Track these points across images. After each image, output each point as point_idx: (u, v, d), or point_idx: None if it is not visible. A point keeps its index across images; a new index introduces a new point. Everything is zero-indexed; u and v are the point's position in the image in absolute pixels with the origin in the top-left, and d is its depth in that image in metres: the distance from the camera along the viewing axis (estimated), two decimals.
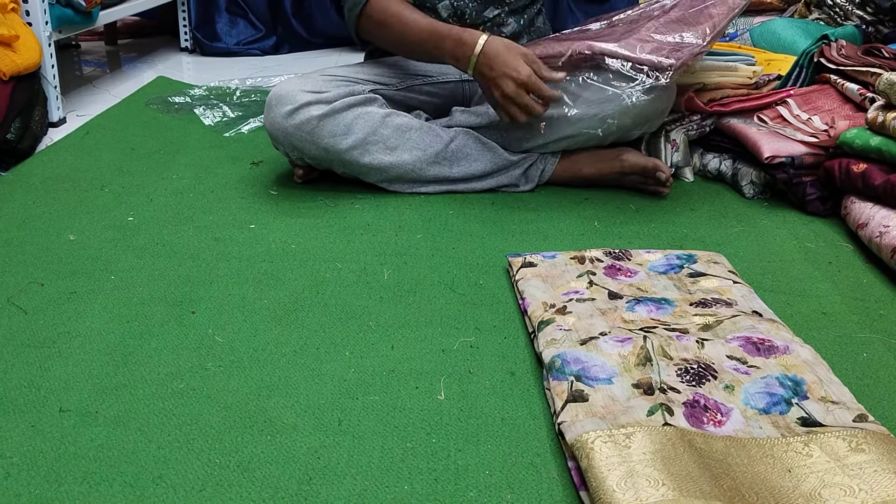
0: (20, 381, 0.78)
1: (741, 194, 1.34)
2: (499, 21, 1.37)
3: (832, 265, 1.08)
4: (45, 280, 0.99)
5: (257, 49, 2.72)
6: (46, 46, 1.66)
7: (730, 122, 1.39)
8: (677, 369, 0.76)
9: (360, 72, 1.30)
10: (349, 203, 1.27)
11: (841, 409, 0.71)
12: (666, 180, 1.28)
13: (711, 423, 0.69)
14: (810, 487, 0.61)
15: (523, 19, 1.41)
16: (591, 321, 0.85)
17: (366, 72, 1.31)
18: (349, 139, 1.22)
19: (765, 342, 0.80)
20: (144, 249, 1.09)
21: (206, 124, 1.75)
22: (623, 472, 0.61)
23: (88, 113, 1.83)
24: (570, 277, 0.97)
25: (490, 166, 1.31)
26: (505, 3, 1.37)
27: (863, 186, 1.15)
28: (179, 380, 0.79)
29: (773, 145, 1.28)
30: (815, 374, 0.76)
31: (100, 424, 0.72)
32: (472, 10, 1.34)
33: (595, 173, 1.33)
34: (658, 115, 1.28)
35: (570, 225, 1.20)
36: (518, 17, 1.40)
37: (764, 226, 1.21)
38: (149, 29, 2.97)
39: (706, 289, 0.94)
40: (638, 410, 0.69)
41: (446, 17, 1.34)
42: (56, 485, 0.64)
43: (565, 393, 0.73)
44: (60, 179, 1.36)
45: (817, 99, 1.41)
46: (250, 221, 1.19)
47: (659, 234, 1.17)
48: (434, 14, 1.33)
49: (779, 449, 0.65)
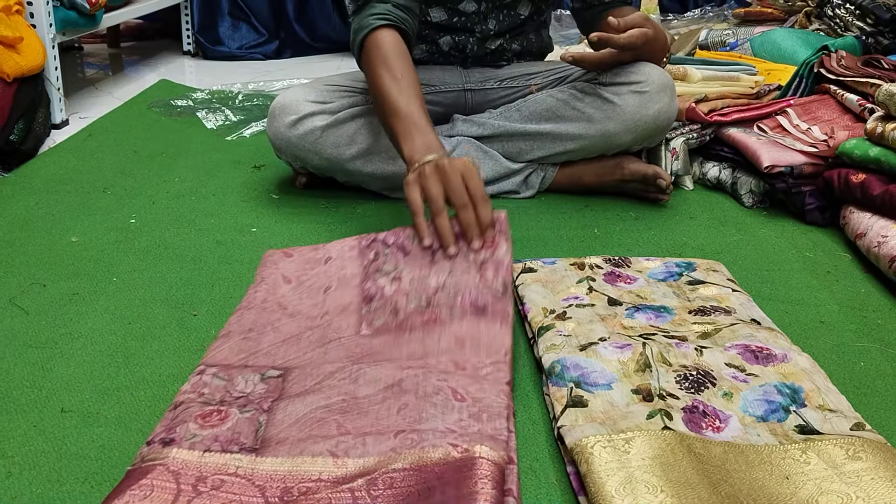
0: (22, 381, 0.78)
1: (740, 203, 1.34)
2: (501, 48, 1.38)
3: (830, 274, 1.09)
4: (47, 281, 0.99)
5: (260, 53, 2.73)
6: (50, 48, 1.66)
7: (729, 132, 1.40)
8: (676, 376, 0.76)
9: (361, 81, 1.29)
10: (351, 208, 1.28)
11: (838, 417, 0.71)
12: (667, 187, 1.29)
13: (710, 428, 0.70)
14: (808, 494, 0.61)
15: (526, 41, 1.41)
16: (591, 326, 0.85)
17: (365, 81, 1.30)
18: (352, 149, 1.23)
19: (763, 350, 0.81)
20: (146, 252, 1.09)
21: (208, 128, 1.75)
22: (622, 478, 0.61)
23: (91, 115, 1.84)
24: (569, 283, 0.98)
25: (491, 174, 1.32)
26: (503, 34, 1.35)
27: (861, 196, 1.15)
28: (180, 381, 0.79)
29: (772, 155, 1.28)
30: (813, 382, 0.76)
31: (101, 425, 0.72)
32: (473, 44, 1.35)
33: (595, 181, 1.34)
34: (660, 132, 1.29)
35: (570, 231, 1.21)
36: (520, 39, 1.40)
37: (763, 235, 1.22)
38: (152, 32, 2.98)
39: (705, 297, 0.95)
40: (637, 415, 0.70)
41: (447, 50, 1.35)
42: (58, 485, 0.64)
43: (565, 398, 0.74)
44: (63, 181, 1.36)
45: (817, 109, 1.42)
46: (252, 225, 1.20)
47: (658, 242, 1.18)
48: (435, 45, 1.34)
49: (777, 456, 0.66)
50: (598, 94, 1.27)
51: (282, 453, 0.66)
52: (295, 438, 0.67)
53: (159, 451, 0.65)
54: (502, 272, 0.88)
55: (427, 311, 0.85)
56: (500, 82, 1.37)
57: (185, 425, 0.68)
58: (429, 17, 1.32)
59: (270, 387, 0.76)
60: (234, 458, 0.65)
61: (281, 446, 0.66)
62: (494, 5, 1.32)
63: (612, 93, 1.26)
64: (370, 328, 0.85)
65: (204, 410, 0.71)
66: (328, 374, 0.77)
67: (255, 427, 0.69)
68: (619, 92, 1.26)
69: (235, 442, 0.67)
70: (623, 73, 1.27)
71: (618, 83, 1.27)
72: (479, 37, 1.34)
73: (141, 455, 0.65)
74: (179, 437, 0.67)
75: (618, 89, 1.26)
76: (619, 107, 1.26)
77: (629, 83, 1.26)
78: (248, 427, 0.69)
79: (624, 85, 1.26)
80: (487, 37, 1.35)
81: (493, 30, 1.34)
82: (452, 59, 1.38)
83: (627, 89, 1.26)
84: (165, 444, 0.66)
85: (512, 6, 1.33)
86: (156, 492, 0.60)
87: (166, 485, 0.61)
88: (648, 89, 1.25)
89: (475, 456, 0.62)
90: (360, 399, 0.73)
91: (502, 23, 1.34)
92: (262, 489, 0.62)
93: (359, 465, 0.64)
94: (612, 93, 1.26)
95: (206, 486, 0.61)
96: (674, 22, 2.59)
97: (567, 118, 1.28)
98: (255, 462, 0.64)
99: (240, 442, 0.67)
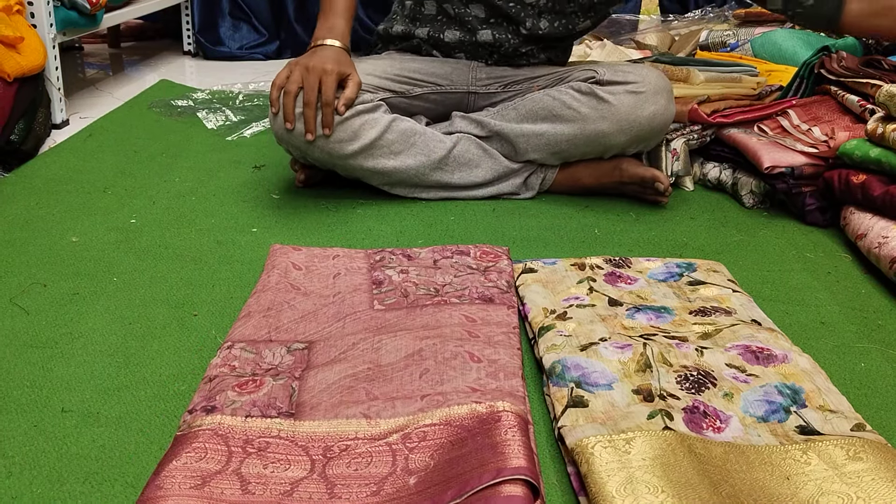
0: (22, 381, 0.78)
1: (741, 204, 1.34)
2: (531, 54, 1.38)
3: (831, 275, 1.09)
4: (47, 281, 0.99)
5: (260, 54, 2.73)
6: (51, 48, 1.66)
7: (730, 132, 1.40)
8: (677, 376, 0.76)
9: (373, 75, 1.28)
10: (351, 208, 1.28)
11: (839, 418, 0.71)
12: (665, 191, 1.29)
13: (711, 429, 0.69)
14: (808, 495, 0.61)
15: (556, 54, 1.42)
16: (592, 327, 0.85)
17: (378, 76, 1.29)
18: (355, 145, 1.22)
19: (764, 351, 0.81)
20: (147, 252, 1.09)
21: (208, 128, 1.75)
22: (623, 479, 0.61)
23: (91, 115, 1.83)
24: (570, 283, 0.98)
25: (491, 174, 1.32)
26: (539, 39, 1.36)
27: (862, 197, 1.15)
28: (181, 381, 0.79)
29: (773, 155, 1.28)
30: (814, 382, 0.76)
31: (102, 425, 0.72)
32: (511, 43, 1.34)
33: (594, 183, 1.34)
34: (655, 134, 1.29)
35: (570, 232, 1.21)
36: (555, 51, 1.41)
37: (763, 235, 1.22)
38: (152, 32, 2.98)
39: (706, 297, 0.95)
40: (638, 416, 0.70)
41: (482, 41, 1.34)
42: (58, 485, 0.64)
43: (565, 398, 0.73)
44: (63, 181, 1.36)
45: (817, 110, 1.42)
46: (252, 225, 1.20)
47: (659, 243, 1.17)
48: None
49: (777, 456, 0.66)
50: (594, 94, 1.26)
51: (318, 416, 0.70)
52: (328, 403, 0.71)
53: (203, 417, 0.68)
54: (505, 276, 0.98)
55: (436, 297, 0.92)
56: (505, 86, 1.36)
57: (224, 393, 0.72)
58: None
59: (297, 358, 0.80)
60: (274, 422, 0.69)
61: (315, 411, 0.70)
62: (554, 8, 1.32)
63: (607, 92, 1.26)
64: (382, 305, 0.91)
65: (239, 381, 0.75)
66: (350, 345, 0.82)
67: (288, 392, 0.73)
68: (615, 91, 1.26)
69: (273, 406, 0.71)
70: (620, 72, 1.27)
71: (615, 82, 1.26)
72: (524, 34, 1.33)
73: (186, 422, 0.69)
74: (220, 404, 0.71)
75: (613, 88, 1.26)
76: (613, 106, 1.25)
77: (625, 83, 1.26)
78: (283, 392, 0.73)
79: (620, 84, 1.26)
80: (532, 37, 1.34)
81: (542, 30, 1.32)
82: (479, 54, 1.36)
83: (623, 89, 1.26)
84: (208, 412, 0.69)
85: (572, 17, 1.34)
86: (209, 454, 0.64)
87: (218, 447, 0.65)
88: (644, 90, 1.25)
89: (499, 410, 0.67)
90: (384, 367, 0.78)
91: (555, 28, 1.33)
92: (305, 448, 0.66)
93: (391, 424, 0.68)
94: (607, 92, 1.26)
95: (254, 448, 0.65)
96: (674, 23, 2.59)
97: (562, 118, 1.28)
98: (294, 425, 0.68)
99: (276, 406, 0.71)
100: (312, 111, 1.17)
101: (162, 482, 0.60)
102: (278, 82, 1.18)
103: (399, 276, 0.97)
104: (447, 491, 0.59)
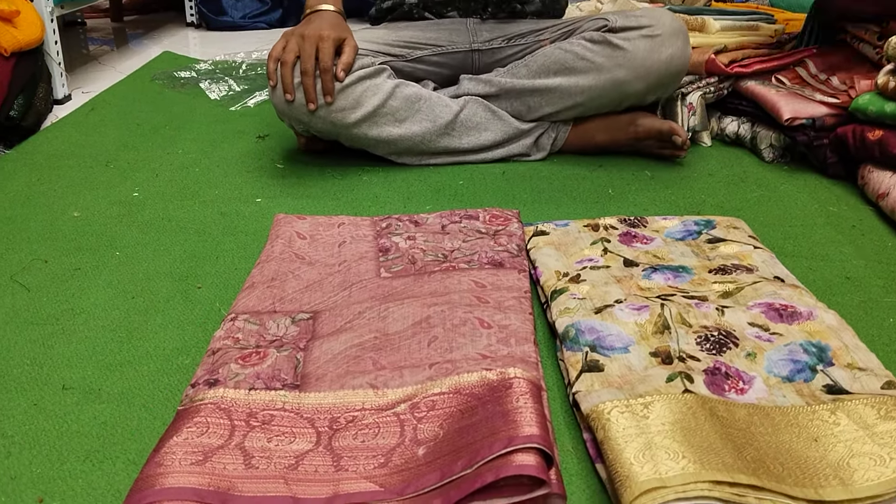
0: (22, 358, 0.76)
1: (760, 158, 1.30)
2: None
3: (855, 229, 1.05)
4: (49, 257, 0.97)
5: (263, 22, 2.69)
6: (49, 22, 1.63)
7: (748, 84, 1.34)
8: (697, 337, 0.73)
9: (370, 41, 1.26)
10: (357, 175, 1.24)
11: (868, 375, 0.68)
12: (683, 143, 1.25)
13: (733, 390, 0.66)
14: (838, 457, 0.58)
15: None
16: (606, 289, 0.82)
17: (375, 42, 1.26)
18: (357, 113, 1.19)
19: (787, 308, 0.77)
20: (149, 225, 1.07)
21: (211, 98, 1.72)
22: (641, 444, 0.58)
23: (94, 89, 1.81)
24: (583, 245, 0.94)
25: (500, 136, 1.28)
26: None
27: (880, 154, 1.10)
28: (185, 355, 0.77)
29: (792, 106, 1.23)
30: (841, 339, 0.73)
31: (103, 401, 0.70)
32: None
33: (609, 140, 1.30)
34: (673, 79, 1.24)
35: (583, 193, 1.17)
36: None
37: (784, 190, 1.17)
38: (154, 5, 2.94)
39: (726, 255, 0.91)
40: (656, 379, 0.67)
41: None
42: (58, 463, 0.63)
43: (580, 363, 0.71)
44: (65, 156, 1.34)
45: (834, 58, 1.36)
46: (256, 195, 1.17)
47: (676, 201, 1.14)
48: None
49: (804, 417, 0.63)
50: (608, 42, 1.22)
51: (323, 388, 0.67)
52: (333, 374, 0.69)
53: (206, 391, 0.66)
54: (515, 239, 0.95)
55: (444, 263, 0.90)
56: (509, 40, 1.32)
57: (227, 366, 0.70)
58: None
59: (302, 329, 0.78)
60: (278, 394, 0.66)
61: (321, 382, 0.68)
62: None
63: (621, 38, 1.21)
64: (389, 273, 0.88)
65: (243, 353, 0.72)
66: (356, 314, 0.79)
67: (293, 364, 0.71)
68: (629, 37, 1.21)
69: (277, 378, 0.69)
70: (633, 17, 1.23)
71: (628, 28, 1.22)
72: None
73: (188, 396, 0.67)
74: (223, 377, 0.68)
75: (627, 34, 1.21)
76: (629, 52, 1.21)
77: (639, 27, 1.21)
78: (287, 364, 0.71)
79: (634, 30, 1.21)
80: None
81: None
82: (472, 9, 1.33)
83: (637, 34, 1.21)
84: (211, 385, 0.67)
85: None
86: (212, 428, 0.62)
87: (220, 421, 0.63)
88: (660, 33, 1.20)
89: (510, 377, 0.64)
90: (391, 336, 0.75)
91: None
92: (310, 421, 0.64)
93: (398, 393, 0.66)
94: (621, 38, 1.21)
95: (258, 421, 0.63)
96: None
97: (576, 70, 1.23)
98: (299, 397, 0.66)
99: (281, 378, 0.69)
100: (311, 79, 1.14)
101: (162, 459, 0.58)
102: (275, 54, 1.15)
103: (406, 242, 0.95)
104: (457, 461, 0.57)
